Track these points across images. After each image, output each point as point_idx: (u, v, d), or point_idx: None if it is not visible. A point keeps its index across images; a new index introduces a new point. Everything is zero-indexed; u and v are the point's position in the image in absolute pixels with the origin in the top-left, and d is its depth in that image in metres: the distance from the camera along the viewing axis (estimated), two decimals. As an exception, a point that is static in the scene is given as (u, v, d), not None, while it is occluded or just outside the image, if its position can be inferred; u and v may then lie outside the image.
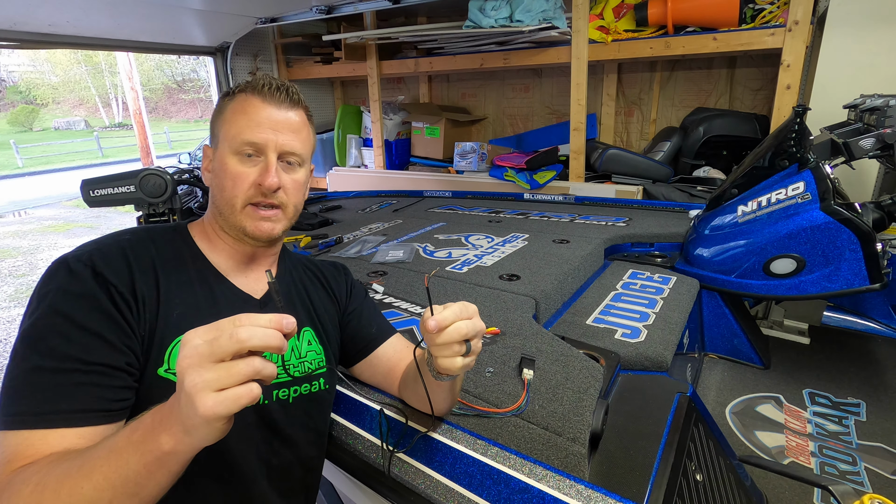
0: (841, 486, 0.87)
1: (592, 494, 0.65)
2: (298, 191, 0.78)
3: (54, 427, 0.57)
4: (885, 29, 1.95)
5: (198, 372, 0.45)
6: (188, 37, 2.94)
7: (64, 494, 0.49)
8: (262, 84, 0.75)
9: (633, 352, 1.15)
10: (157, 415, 0.50)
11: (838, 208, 1.35)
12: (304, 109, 0.79)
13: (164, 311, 0.68)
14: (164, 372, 0.67)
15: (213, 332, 0.46)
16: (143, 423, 0.50)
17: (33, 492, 0.50)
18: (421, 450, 0.79)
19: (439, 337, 0.60)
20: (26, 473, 0.52)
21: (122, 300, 0.65)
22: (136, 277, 0.68)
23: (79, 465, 0.50)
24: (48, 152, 17.08)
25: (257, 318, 0.48)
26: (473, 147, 3.25)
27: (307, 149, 0.79)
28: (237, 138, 0.73)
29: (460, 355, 0.61)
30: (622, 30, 2.58)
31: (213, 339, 0.45)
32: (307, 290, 0.89)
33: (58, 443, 0.56)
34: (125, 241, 0.71)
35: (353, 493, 0.99)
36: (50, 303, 0.62)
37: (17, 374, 0.59)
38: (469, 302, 0.63)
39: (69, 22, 2.24)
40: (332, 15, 2.73)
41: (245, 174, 0.73)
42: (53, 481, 0.50)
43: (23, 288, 4.94)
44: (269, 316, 0.48)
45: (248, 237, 0.76)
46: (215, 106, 0.79)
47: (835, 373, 1.52)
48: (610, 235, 1.87)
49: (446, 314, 0.60)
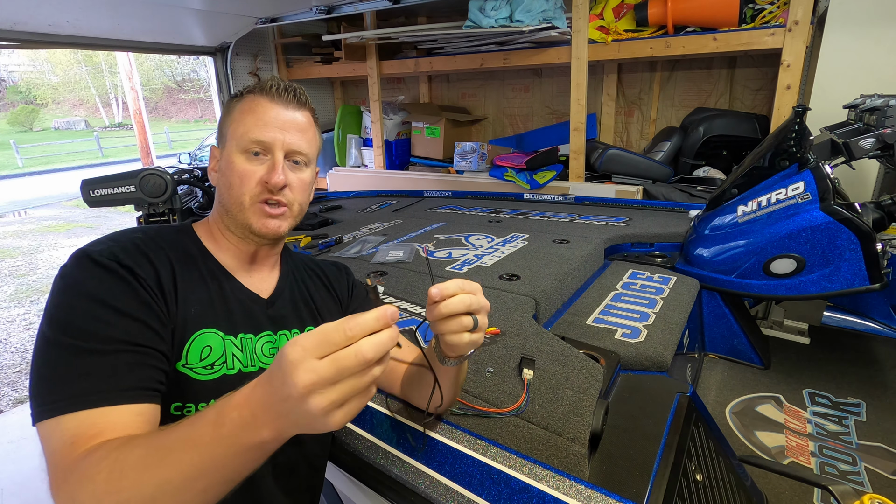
0: (841, 486, 0.87)
1: (592, 494, 0.65)
2: (304, 190, 0.79)
3: (115, 403, 0.56)
4: (885, 29, 1.95)
5: (324, 396, 0.43)
6: (188, 37, 2.94)
7: (148, 483, 0.47)
8: (271, 85, 0.76)
9: (633, 352, 1.15)
10: (246, 410, 0.46)
11: (838, 208, 1.35)
12: (311, 111, 0.81)
13: (183, 307, 0.69)
14: (181, 367, 0.68)
15: (326, 347, 0.43)
16: (229, 417, 0.47)
17: (108, 478, 0.47)
18: (421, 450, 0.79)
19: (443, 306, 0.58)
20: (94, 458, 0.50)
21: (152, 291, 0.66)
22: (160, 271, 0.68)
23: (159, 457, 0.48)
24: (48, 152, 17.07)
25: (366, 322, 0.45)
26: (473, 147, 3.25)
27: (313, 149, 0.80)
28: (245, 137, 0.74)
29: (467, 330, 0.60)
30: (622, 30, 2.58)
31: (335, 361, 0.43)
32: (309, 290, 0.89)
33: (118, 421, 0.56)
34: (138, 238, 0.71)
35: (353, 494, 0.99)
36: (83, 291, 0.61)
37: (57, 362, 0.57)
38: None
39: (69, 22, 2.24)
40: (332, 15, 2.73)
41: (252, 172, 0.74)
42: (131, 469, 0.48)
43: (23, 288, 4.94)
44: (375, 315, 0.45)
45: (254, 235, 0.77)
46: (223, 107, 0.81)
47: (835, 373, 1.52)
48: (610, 235, 1.87)
49: (448, 284, 0.59)
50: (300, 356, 0.43)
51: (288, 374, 0.43)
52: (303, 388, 0.42)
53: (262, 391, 0.46)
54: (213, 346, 0.72)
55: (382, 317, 0.46)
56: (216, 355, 0.71)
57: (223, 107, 0.81)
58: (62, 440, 0.53)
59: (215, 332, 0.72)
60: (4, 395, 2.96)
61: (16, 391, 3.01)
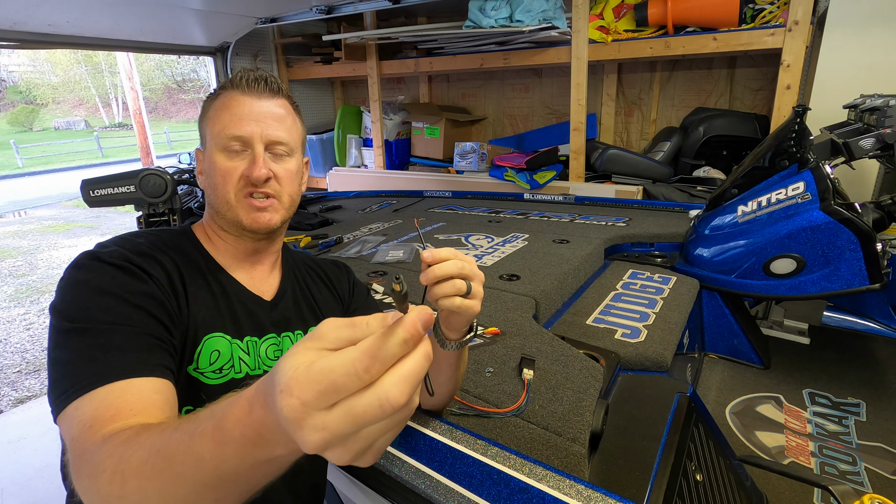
0: (841, 486, 0.87)
1: (592, 494, 0.65)
2: (292, 180, 0.77)
3: (131, 376, 0.55)
4: (885, 29, 1.95)
5: (345, 448, 0.32)
6: (188, 37, 2.94)
7: (151, 493, 0.42)
8: (241, 77, 0.74)
9: (633, 352, 1.14)
10: (249, 429, 0.38)
11: (838, 208, 1.35)
12: (287, 98, 0.79)
13: (194, 310, 0.69)
14: (192, 370, 0.68)
15: (334, 396, 0.31)
16: (231, 436, 0.39)
17: (111, 479, 0.43)
18: (421, 450, 0.79)
19: (437, 268, 0.58)
20: (104, 452, 0.46)
21: (165, 292, 0.66)
22: (170, 274, 0.69)
23: (160, 467, 0.42)
24: (48, 152, 17.07)
25: (390, 351, 0.31)
26: (473, 147, 3.25)
27: (294, 137, 0.77)
28: (222, 134, 0.72)
29: (460, 295, 0.60)
30: (622, 30, 2.58)
31: (352, 416, 0.31)
32: (311, 290, 0.89)
33: (136, 399, 0.53)
34: (144, 242, 0.70)
35: (353, 494, 0.99)
36: (95, 286, 0.61)
37: (74, 348, 0.56)
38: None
39: (69, 22, 2.24)
40: (332, 15, 2.73)
41: (233, 168, 0.73)
42: (133, 475, 0.43)
43: (23, 288, 4.94)
44: (403, 337, 0.32)
45: (246, 231, 0.76)
46: (201, 108, 0.79)
47: (835, 373, 1.52)
48: (610, 235, 1.87)
49: (441, 249, 0.60)
50: (300, 413, 0.31)
51: (292, 431, 0.32)
52: (314, 448, 0.32)
53: (262, 414, 0.36)
54: (221, 350, 0.72)
55: (412, 336, 0.32)
56: (224, 359, 0.72)
57: (201, 108, 0.80)
58: (81, 424, 0.51)
59: (223, 335, 0.72)
60: (4, 395, 2.96)
61: (16, 391, 3.01)
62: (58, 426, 0.55)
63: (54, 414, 0.54)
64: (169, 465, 0.41)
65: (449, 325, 0.65)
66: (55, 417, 0.54)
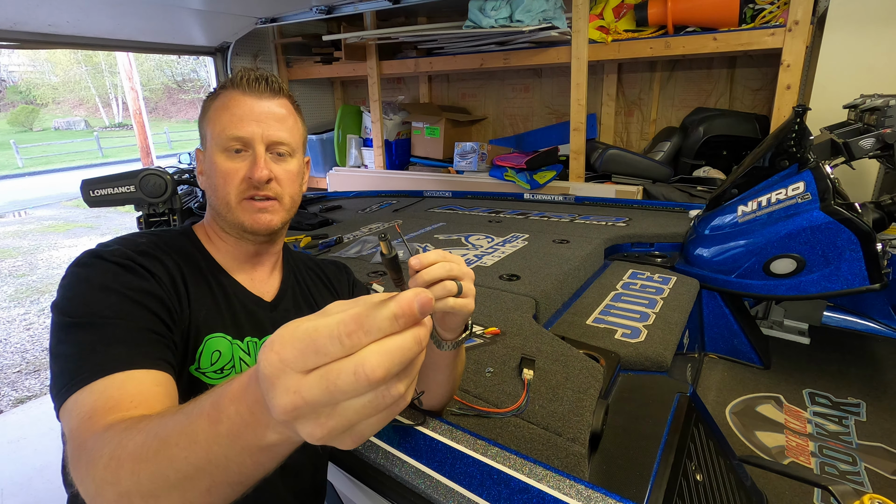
0: (841, 486, 0.87)
1: (592, 494, 0.65)
2: (292, 181, 0.77)
3: (132, 368, 0.55)
4: (885, 29, 1.95)
5: (318, 423, 0.31)
6: (188, 37, 2.94)
7: (143, 476, 0.41)
8: (241, 77, 0.74)
9: (633, 352, 1.15)
10: (244, 406, 0.37)
11: (838, 208, 1.35)
12: (288, 98, 0.78)
13: (195, 310, 0.69)
14: (194, 370, 0.68)
15: (313, 358, 0.30)
16: (227, 413, 0.38)
17: (108, 465, 0.42)
18: (421, 450, 0.79)
19: (424, 273, 0.59)
20: (102, 440, 0.46)
21: (168, 291, 0.66)
22: (173, 274, 0.69)
23: (155, 448, 0.41)
24: (48, 152, 17.07)
25: (376, 322, 0.30)
26: (473, 147, 3.25)
27: (295, 138, 0.77)
28: (222, 135, 0.72)
29: (451, 295, 0.60)
30: (622, 30, 2.58)
31: (326, 381, 0.29)
32: (310, 290, 0.89)
33: (136, 391, 0.53)
34: (145, 242, 0.70)
35: (353, 494, 0.99)
36: (97, 283, 0.61)
37: (74, 342, 0.56)
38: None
39: (69, 22, 2.24)
40: (332, 15, 2.73)
41: (235, 170, 0.72)
42: (128, 459, 0.42)
43: (23, 288, 4.94)
44: (393, 310, 0.30)
45: (247, 232, 0.75)
46: (201, 108, 0.78)
47: (835, 373, 1.52)
48: (610, 235, 1.87)
49: (428, 253, 0.60)
50: (276, 369, 0.30)
51: (265, 390, 0.31)
52: (283, 413, 0.30)
53: (256, 390, 0.35)
54: (222, 350, 0.72)
55: (405, 313, 0.30)
56: (225, 359, 0.72)
57: (201, 107, 0.79)
58: (80, 416, 0.50)
59: (224, 336, 0.72)
60: (4, 395, 2.96)
61: (16, 391, 3.01)
62: (60, 422, 0.54)
63: (57, 409, 0.54)
64: (164, 445, 0.40)
65: (444, 326, 0.65)
66: (57, 413, 0.54)
